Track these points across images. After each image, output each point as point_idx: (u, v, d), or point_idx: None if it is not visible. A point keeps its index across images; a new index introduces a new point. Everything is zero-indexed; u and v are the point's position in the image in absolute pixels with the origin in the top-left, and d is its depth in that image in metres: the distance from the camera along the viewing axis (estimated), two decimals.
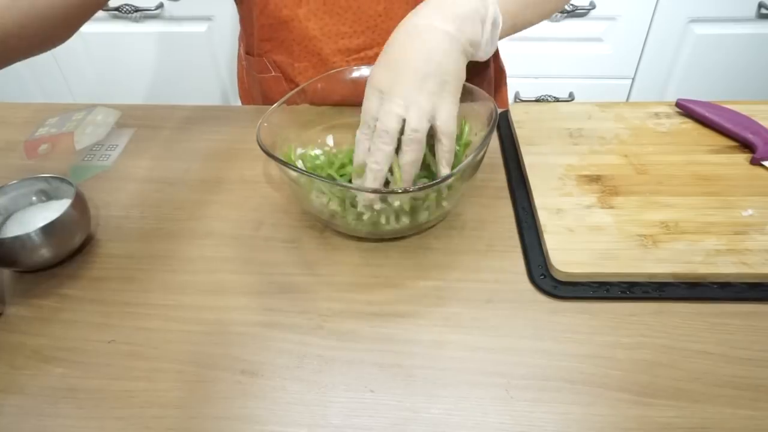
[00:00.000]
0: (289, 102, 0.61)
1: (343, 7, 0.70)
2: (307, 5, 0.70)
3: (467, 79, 0.57)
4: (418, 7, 0.51)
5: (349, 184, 0.51)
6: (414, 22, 0.49)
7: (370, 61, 0.73)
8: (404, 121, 0.48)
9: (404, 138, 0.48)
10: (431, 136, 0.50)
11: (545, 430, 0.41)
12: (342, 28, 0.71)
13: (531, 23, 0.57)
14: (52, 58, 1.55)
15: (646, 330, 0.47)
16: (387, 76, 0.48)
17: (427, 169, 0.54)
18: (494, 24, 0.50)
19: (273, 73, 0.79)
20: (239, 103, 0.86)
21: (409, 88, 0.47)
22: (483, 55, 0.52)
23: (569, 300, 0.50)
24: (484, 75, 0.82)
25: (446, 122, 0.48)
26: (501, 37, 0.53)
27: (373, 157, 0.48)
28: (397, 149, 0.49)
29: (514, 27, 0.54)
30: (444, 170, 0.50)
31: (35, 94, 1.63)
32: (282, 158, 0.54)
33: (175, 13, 1.44)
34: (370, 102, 0.49)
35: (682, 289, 0.50)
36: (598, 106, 0.72)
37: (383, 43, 0.68)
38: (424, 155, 0.50)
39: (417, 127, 0.47)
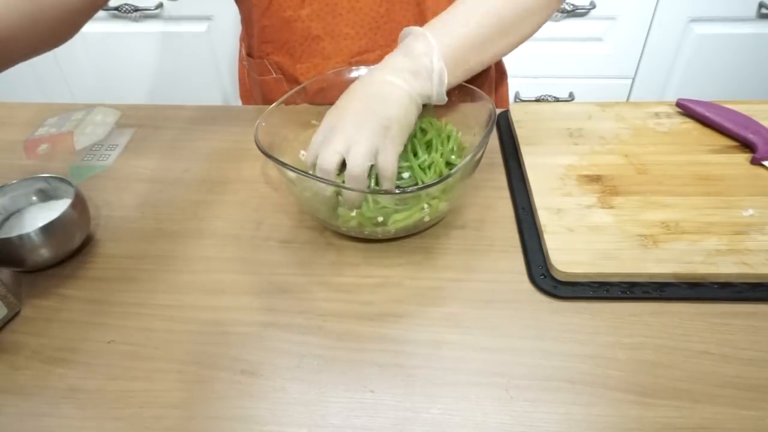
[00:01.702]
0: (287, 102, 0.61)
1: (346, 8, 0.70)
2: (310, 6, 0.70)
3: (468, 80, 0.58)
4: (372, 67, 0.55)
5: (344, 185, 0.51)
6: (369, 75, 0.53)
7: (372, 63, 0.73)
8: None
9: (346, 175, 0.49)
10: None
11: (545, 430, 0.41)
12: (344, 29, 0.71)
13: (485, 64, 0.59)
14: (52, 58, 1.55)
15: (646, 330, 0.47)
16: (335, 116, 0.52)
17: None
18: (440, 78, 0.53)
19: (274, 75, 0.79)
20: (239, 104, 0.86)
21: (351, 127, 0.50)
22: (436, 101, 0.55)
23: (569, 300, 0.50)
24: (485, 76, 0.82)
25: (384, 165, 0.50)
26: (459, 82, 0.57)
27: (320, 190, 0.51)
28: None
29: (467, 72, 0.57)
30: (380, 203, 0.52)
31: (35, 94, 1.63)
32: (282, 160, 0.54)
33: (174, 13, 1.44)
34: (314, 141, 0.52)
35: (682, 289, 0.50)
36: (598, 106, 0.72)
37: (385, 45, 0.69)
38: (413, 146, 0.54)
39: (353, 168, 0.49)
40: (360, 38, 0.72)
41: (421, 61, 0.52)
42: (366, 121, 0.49)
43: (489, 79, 0.84)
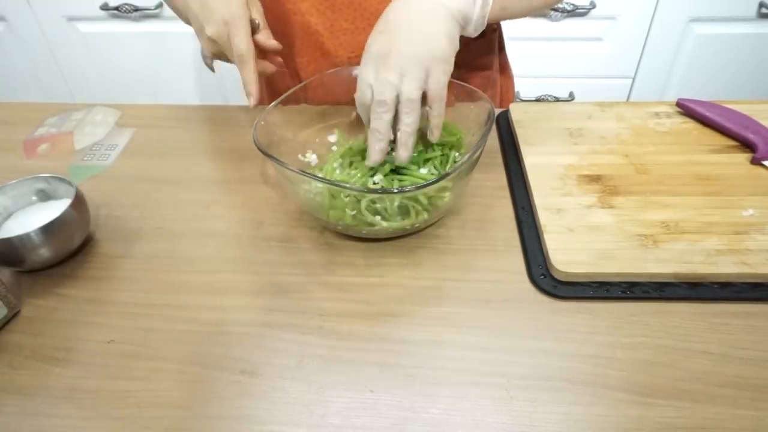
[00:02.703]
0: (285, 102, 0.61)
1: (345, 3, 0.70)
2: (309, 0, 0.70)
3: (469, 79, 0.58)
4: None
5: (344, 183, 0.51)
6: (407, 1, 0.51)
7: None
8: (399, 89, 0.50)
9: (401, 106, 0.50)
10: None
11: (545, 430, 0.41)
12: (344, 24, 0.71)
13: (517, 14, 0.58)
14: (52, 58, 1.55)
15: (646, 330, 0.47)
16: (381, 44, 0.51)
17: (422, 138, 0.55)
18: (484, 1, 0.53)
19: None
20: (239, 103, 0.86)
21: (402, 56, 0.49)
22: (472, 31, 0.54)
23: (569, 300, 0.50)
24: (487, 75, 0.82)
25: (437, 88, 0.50)
26: (492, 19, 0.55)
27: (373, 125, 0.51)
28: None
29: (502, 11, 0.56)
30: (434, 134, 0.53)
31: (35, 94, 1.63)
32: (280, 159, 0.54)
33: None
34: (366, 70, 0.51)
35: (682, 289, 0.50)
36: (598, 106, 0.72)
37: None
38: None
39: (411, 96, 0.49)
40: (359, 33, 0.72)
41: None
42: (413, 48, 0.49)
43: (492, 78, 0.83)
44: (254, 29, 0.61)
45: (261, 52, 0.77)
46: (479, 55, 0.78)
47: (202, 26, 0.60)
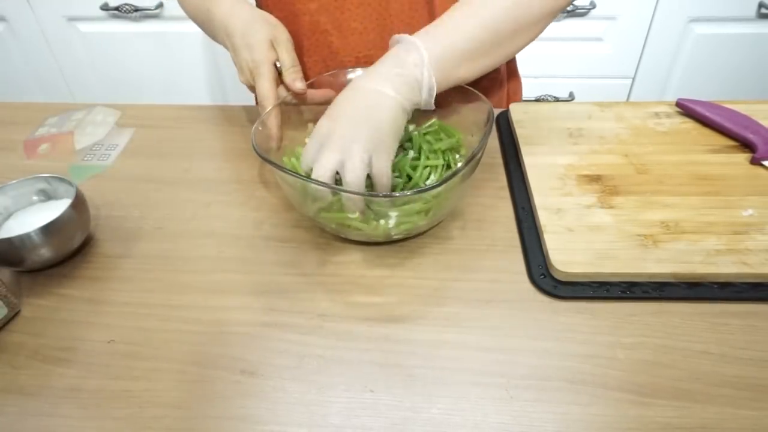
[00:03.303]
0: (284, 104, 0.61)
1: (354, 3, 0.70)
2: (319, 0, 0.70)
3: (477, 81, 0.58)
4: (364, 72, 0.55)
5: (342, 188, 0.51)
6: (359, 84, 0.53)
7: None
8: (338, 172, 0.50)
9: (343, 183, 0.50)
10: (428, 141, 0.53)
11: (545, 429, 0.41)
12: (353, 24, 0.71)
13: (477, 73, 0.58)
14: (52, 58, 1.55)
15: (646, 330, 0.47)
16: (327, 127, 0.52)
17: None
18: (430, 91, 0.54)
19: None
20: (239, 103, 0.86)
21: (345, 139, 0.50)
22: (425, 108, 0.56)
23: (569, 300, 0.50)
24: (494, 76, 0.82)
25: (378, 173, 0.51)
26: (447, 88, 0.56)
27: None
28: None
29: (458, 81, 0.57)
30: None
31: (35, 94, 1.63)
32: (279, 162, 0.54)
33: (175, 12, 1.44)
34: (308, 150, 0.52)
35: (682, 289, 0.50)
36: (598, 106, 0.72)
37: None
38: (405, 161, 0.55)
39: (350, 181, 0.50)
40: (368, 33, 0.72)
41: (412, 72, 0.53)
42: (358, 132, 0.50)
43: (499, 79, 0.83)
44: (279, 72, 0.62)
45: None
46: None
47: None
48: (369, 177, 0.52)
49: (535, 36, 0.60)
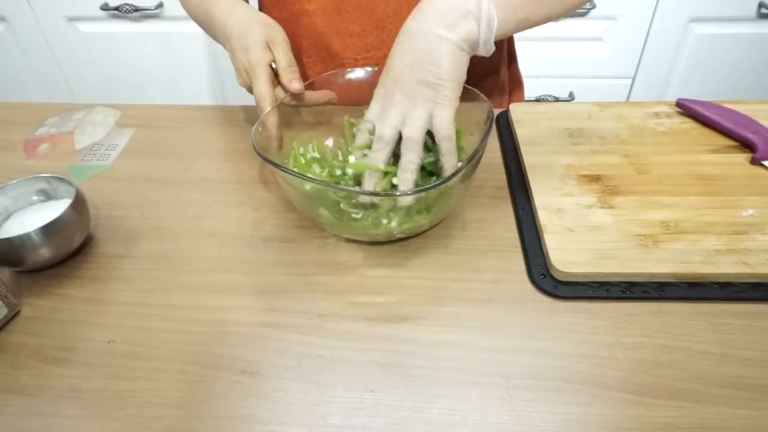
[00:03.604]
0: (282, 105, 0.61)
1: (353, 5, 0.70)
2: (317, 1, 0.70)
3: (477, 83, 0.57)
4: (414, 11, 0.51)
5: (346, 187, 0.51)
6: (410, 28, 0.50)
7: (379, 60, 0.73)
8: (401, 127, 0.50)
9: (402, 144, 0.50)
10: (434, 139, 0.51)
11: (545, 429, 0.41)
12: (351, 26, 0.71)
13: (537, 22, 0.55)
14: (52, 58, 1.55)
15: (646, 330, 0.47)
16: (387, 82, 0.51)
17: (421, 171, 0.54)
18: (488, 24, 0.50)
19: None
20: (239, 103, 0.86)
21: (405, 96, 0.49)
22: (484, 52, 0.52)
23: (569, 300, 0.50)
24: (494, 81, 0.82)
25: (443, 127, 0.50)
26: (507, 34, 0.53)
27: (370, 157, 0.52)
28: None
29: (521, 23, 0.53)
30: (446, 173, 0.52)
31: (35, 94, 1.63)
32: (278, 161, 0.54)
33: (175, 12, 1.44)
34: (372, 106, 0.52)
35: (682, 289, 0.50)
36: (598, 106, 0.72)
37: (390, 44, 0.68)
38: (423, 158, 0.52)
39: (412, 136, 0.49)
40: (366, 35, 0.72)
41: (467, 6, 0.49)
42: (416, 87, 0.49)
43: (500, 82, 0.83)
44: (275, 72, 0.61)
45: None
46: (485, 59, 0.78)
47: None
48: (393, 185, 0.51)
49: None
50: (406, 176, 0.50)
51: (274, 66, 0.61)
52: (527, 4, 0.53)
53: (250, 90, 0.62)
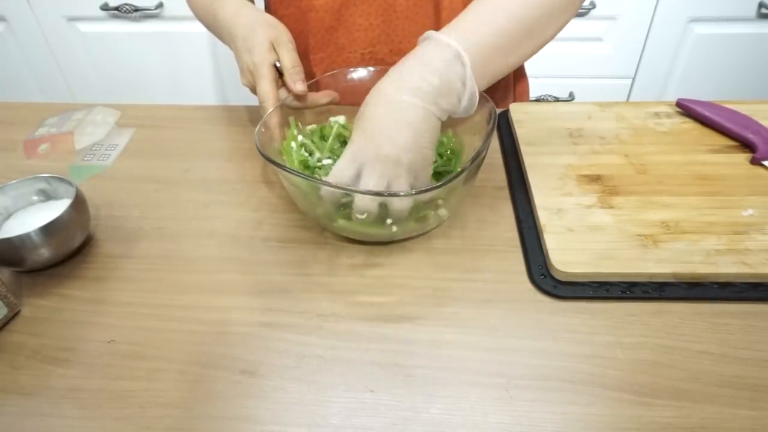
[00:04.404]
0: (286, 106, 0.61)
1: None
2: None
3: None
4: (394, 75, 0.50)
5: (350, 188, 0.51)
6: (395, 97, 0.48)
7: (384, 55, 0.74)
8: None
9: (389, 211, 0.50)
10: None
11: (545, 429, 0.41)
12: (358, 20, 0.72)
13: (508, 70, 0.55)
14: (52, 58, 1.55)
15: (646, 330, 0.47)
16: (364, 146, 0.48)
17: None
18: (471, 99, 0.50)
19: None
20: (240, 103, 0.86)
21: (388, 162, 0.48)
22: (464, 115, 0.52)
23: (569, 300, 0.50)
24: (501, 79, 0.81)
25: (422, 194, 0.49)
26: (486, 86, 0.53)
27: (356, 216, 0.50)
28: None
29: (491, 81, 0.54)
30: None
31: (35, 94, 1.63)
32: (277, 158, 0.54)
33: (175, 12, 1.44)
34: (343, 169, 0.49)
35: (682, 289, 0.50)
36: (598, 106, 0.72)
37: (397, 38, 0.67)
38: None
39: (399, 208, 0.49)
40: (373, 30, 0.72)
41: (451, 83, 0.49)
42: (402, 154, 0.47)
43: (505, 79, 0.83)
44: (280, 72, 0.61)
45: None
46: None
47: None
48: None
49: (565, 23, 0.56)
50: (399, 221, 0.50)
51: (278, 66, 0.61)
52: (497, 62, 0.52)
53: (253, 90, 0.63)
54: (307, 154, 0.59)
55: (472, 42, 0.49)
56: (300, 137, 0.60)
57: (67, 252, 0.55)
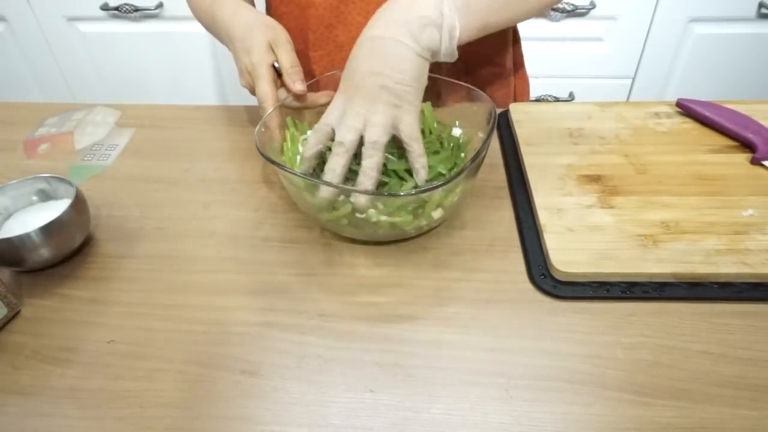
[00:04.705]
0: (285, 107, 0.61)
1: None
2: None
3: (479, 73, 0.57)
4: (375, 17, 0.52)
5: (350, 187, 0.51)
6: (371, 34, 0.51)
7: None
8: (362, 133, 0.50)
9: (364, 147, 0.50)
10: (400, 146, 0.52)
11: (545, 429, 0.41)
12: (357, 17, 0.72)
13: (502, 25, 0.56)
14: (52, 58, 1.55)
15: (646, 330, 0.47)
16: (348, 87, 0.51)
17: (389, 174, 0.54)
18: (450, 33, 0.51)
19: None
20: (239, 103, 0.86)
21: (367, 101, 0.49)
22: (447, 59, 0.53)
23: (569, 300, 0.50)
24: (501, 70, 0.81)
25: (409, 130, 0.50)
26: (470, 40, 0.53)
27: (329, 164, 0.51)
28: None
29: (480, 30, 0.54)
30: (420, 175, 0.52)
31: (35, 94, 1.63)
32: (277, 160, 0.54)
33: (175, 12, 1.44)
34: (332, 111, 0.52)
35: (682, 289, 0.50)
36: (598, 106, 0.72)
37: None
38: (387, 161, 0.53)
39: (375, 140, 0.49)
40: None
41: (429, 14, 0.49)
42: (378, 92, 0.49)
43: (505, 75, 0.83)
44: (279, 73, 0.61)
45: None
46: (490, 47, 0.78)
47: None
48: (383, 174, 0.51)
49: None
50: (367, 180, 0.50)
51: (277, 66, 0.61)
52: (489, 11, 0.53)
53: (252, 92, 0.63)
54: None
55: None
56: (300, 136, 0.60)
57: (67, 252, 0.55)
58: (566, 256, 0.51)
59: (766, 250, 0.51)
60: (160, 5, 1.42)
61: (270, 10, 0.78)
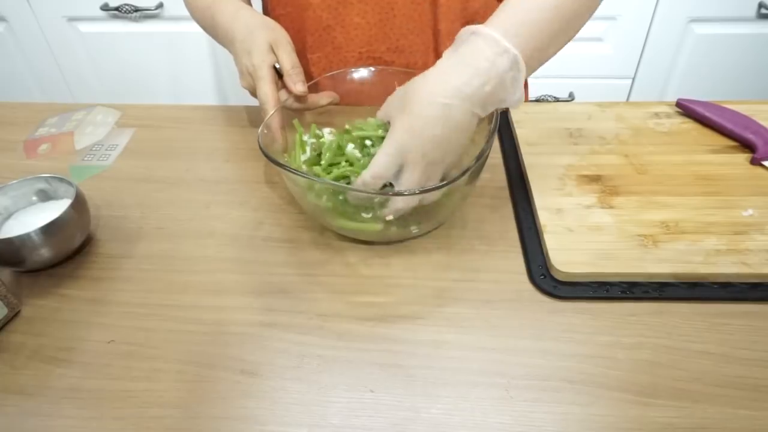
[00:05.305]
0: (286, 108, 0.61)
1: None
2: None
3: None
4: (442, 74, 0.48)
5: (354, 187, 0.51)
6: (443, 101, 0.46)
7: (381, 54, 0.74)
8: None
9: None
10: None
11: (545, 430, 0.41)
12: (355, 18, 0.72)
13: (547, 60, 0.55)
14: (52, 58, 1.55)
15: (646, 330, 0.47)
16: (410, 143, 0.47)
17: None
18: (519, 101, 0.49)
19: None
20: (239, 104, 0.86)
21: (432, 164, 0.49)
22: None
23: (569, 300, 0.50)
24: None
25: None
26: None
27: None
28: None
29: (541, 63, 0.53)
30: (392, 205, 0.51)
31: (35, 94, 1.63)
32: (282, 161, 0.54)
33: (174, 13, 1.44)
34: (384, 163, 0.48)
35: (682, 289, 0.50)
36: (598, 106, 0.72)
37: (393, 37, 0.66)
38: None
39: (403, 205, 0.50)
40: (370, 28, 0.72)
41: (506, 90, 0.48)
42: (445, 157, 0.49)
43: None
44: (279, 74, 0.61)
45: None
46: None
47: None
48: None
49: (595, 9, 0.55)
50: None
51: (277, 67, 0.61)
52: (541, 62, 0.52)
53: (253, 93, 0.62)
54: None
55: (521, 40, 0.47)
56: (309, 140, 0.60)
57: (67, 252, 0.55)
58: (566, 257, 0.51)
59: (766, 250, 0.51)
60: (160, 5, 1.42)
61: (267, 12, 0.78)
